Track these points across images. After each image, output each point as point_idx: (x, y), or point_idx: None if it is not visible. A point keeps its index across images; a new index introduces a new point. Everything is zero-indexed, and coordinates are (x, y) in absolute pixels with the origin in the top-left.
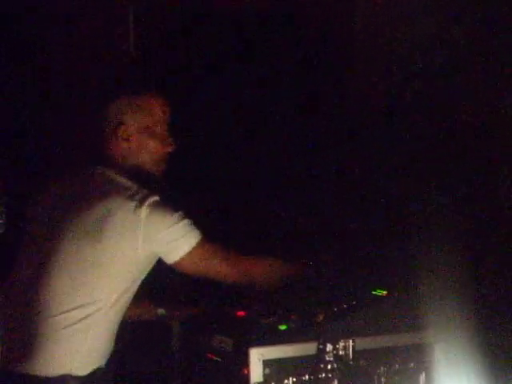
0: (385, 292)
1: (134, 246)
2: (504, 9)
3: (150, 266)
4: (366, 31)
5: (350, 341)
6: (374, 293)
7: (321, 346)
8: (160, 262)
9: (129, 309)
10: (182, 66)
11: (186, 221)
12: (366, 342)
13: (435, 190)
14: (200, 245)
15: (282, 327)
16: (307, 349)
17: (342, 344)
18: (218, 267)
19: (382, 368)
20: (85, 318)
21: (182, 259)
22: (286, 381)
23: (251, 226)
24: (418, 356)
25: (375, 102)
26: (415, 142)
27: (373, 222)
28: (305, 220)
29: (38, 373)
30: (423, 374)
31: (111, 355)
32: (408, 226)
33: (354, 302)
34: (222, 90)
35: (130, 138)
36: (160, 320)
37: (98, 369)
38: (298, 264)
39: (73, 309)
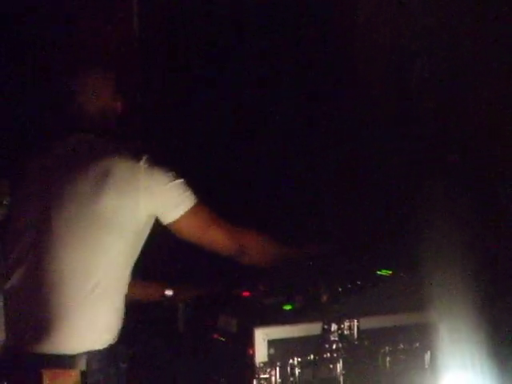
0: (390, 272)
1: (135, 200)
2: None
3: (147, 231)
4: (368, 27)
5: (355, 321)
6: (378, 273)
7: (325, 326)
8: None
9: (136, 290)
10: (182, 65)
11: (182, 180)
12: (371, 322)
13: (440, 174)
14: (198, 206)
15: (287, 307)
16: (312, 329)
17: (346, 324)
18: (214, 234)
19: (386, 347)
20: (94, 287)
21: (180, 219)
22: (290, 361)
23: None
24: (422, 335)
25: (376, 101)
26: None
27: (378, 203)
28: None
29: (59, 351)
30: (428, 354)
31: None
32: (413, 207)
33: (359, 282)
34: (222, 87)
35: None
36: (166, 301)
37: (115, 343)
38: (295, 248)
39: (80, 281)
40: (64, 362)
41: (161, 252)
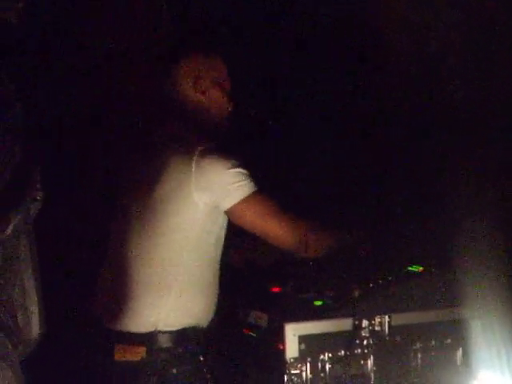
0: (421, 268)
1: (187, 190)
2: None
3: (218, 221)
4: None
5: (386, 317)
6: (410, 268)
7: (356, 322)
8: None
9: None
10: None
11: (241, 170)
12: (402, 318)
13: (471, 166)
14: (254, 196)
15: (318, 303)
16: (343, 324)
17: (377, 320)
18: (272, 226)
19: (418, 344)
20: (163, 272)
21: (235, 207)
22: (321, 356)
23: None
24: (454, 332)
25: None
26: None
27: (409, 197)
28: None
29: (129, 329)
30: (460, 350)
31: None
32: (445, 202)
33: (390, 278)
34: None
35: (206, 91)
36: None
37: (190, 328)
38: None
39: (152, 264)
40: (133, 338)
41: None
